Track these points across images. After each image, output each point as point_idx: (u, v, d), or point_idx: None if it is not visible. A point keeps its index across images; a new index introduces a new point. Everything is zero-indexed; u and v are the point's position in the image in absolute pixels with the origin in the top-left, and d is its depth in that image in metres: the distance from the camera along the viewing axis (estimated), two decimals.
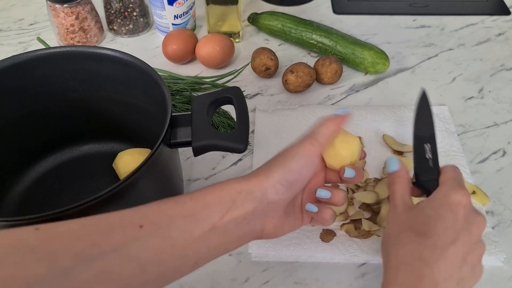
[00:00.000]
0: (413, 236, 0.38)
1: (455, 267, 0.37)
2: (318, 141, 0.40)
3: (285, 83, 0.70)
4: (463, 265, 0.37)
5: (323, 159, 0.42)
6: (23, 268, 0.27)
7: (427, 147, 0.45)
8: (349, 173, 0.41)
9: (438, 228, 0.38)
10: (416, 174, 0.45)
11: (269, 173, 0.38)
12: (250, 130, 0.66)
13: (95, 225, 0.32)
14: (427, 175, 0.45)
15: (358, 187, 0.58)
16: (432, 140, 0.46)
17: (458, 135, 0.66)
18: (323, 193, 0.41)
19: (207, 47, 0.74)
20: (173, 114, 0.46)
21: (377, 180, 0.58)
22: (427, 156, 0.45)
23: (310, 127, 0.42)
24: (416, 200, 0.45)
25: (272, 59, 0.68)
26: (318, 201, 0.42)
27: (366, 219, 0.55)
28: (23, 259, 0.28)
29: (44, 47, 0.75)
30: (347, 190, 0.58)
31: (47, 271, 0.27)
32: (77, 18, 0.76)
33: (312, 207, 0.42)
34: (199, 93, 0.71)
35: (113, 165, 0.57)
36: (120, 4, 0.79)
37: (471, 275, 0.38)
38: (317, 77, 0.73)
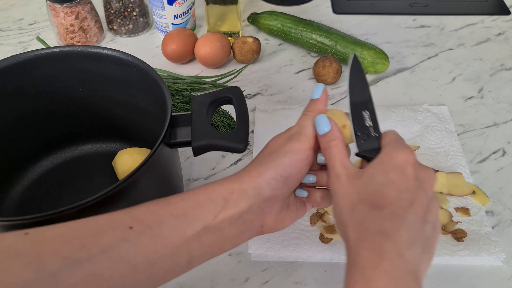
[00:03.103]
0: (368, 209, 0.35)
1: (417, 230, 0.34)
2: (306, 136, 0.39)
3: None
4: (425, 225, 0.35)
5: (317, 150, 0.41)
6: (10, 273, 0.27)
7: (366, 114, 0.41)
8: (321, 158, 0.40)
9: (392, 194, 0.35)
10: (358, 145, 0.41)
11: (262, 170, 0.37)
12: (250, 130, 0.66)
13: (84, 228, 0.32)
14: (369, 144, 0.40)
15: None
16: (369, 105, 0.42)
17: (458, 135, 0.66)
18: (307, 178, 0.41)
19: (205, 47, 0.74)
20: (173, 114, 0.46)
21: None
22: (367, 124, 0.41)
23: (299, 119, 0.41)
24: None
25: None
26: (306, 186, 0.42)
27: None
28: (11, 264, 0.28)
29: (44, 47, 0.75)
30: None
31: (35, 276, 0.28)
32: (76, 18, 0.76)
33: (302, 192, 0.41)
34: (199, 93, 0.71)
35: (112, 163, 0.57)
36: (120, 4, 0.79)
37: (433, 233, 0.36)
38: (319, 79, 0.73)
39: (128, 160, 0.54)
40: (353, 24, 0.86)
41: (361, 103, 0.42)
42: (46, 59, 0.52)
